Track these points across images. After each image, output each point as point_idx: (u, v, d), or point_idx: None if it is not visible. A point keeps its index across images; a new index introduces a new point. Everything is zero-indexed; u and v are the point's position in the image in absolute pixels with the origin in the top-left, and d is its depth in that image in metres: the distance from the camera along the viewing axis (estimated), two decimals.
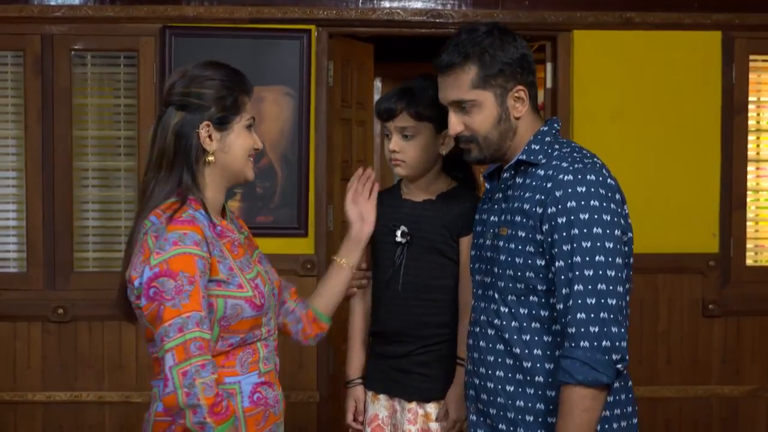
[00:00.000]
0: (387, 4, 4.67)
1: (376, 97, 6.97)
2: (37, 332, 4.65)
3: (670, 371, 4.77)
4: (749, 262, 4.86)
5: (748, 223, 4.84)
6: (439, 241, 2.89)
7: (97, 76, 4.77)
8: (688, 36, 4.72)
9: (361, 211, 2.92)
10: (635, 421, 2.57)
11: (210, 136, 2.46)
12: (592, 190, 2.40)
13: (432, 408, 2.91)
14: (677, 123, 4.72)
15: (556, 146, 2.55)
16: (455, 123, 2.59)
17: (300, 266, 4.61)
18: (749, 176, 4.84)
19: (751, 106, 4.83)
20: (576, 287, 2.36)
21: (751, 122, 4.84)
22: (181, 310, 2.28)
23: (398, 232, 2.91)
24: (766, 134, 4.94)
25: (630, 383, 2.56)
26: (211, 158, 2.47)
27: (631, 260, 2.50)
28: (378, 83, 7.23)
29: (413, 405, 2.92)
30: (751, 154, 4.85)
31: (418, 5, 4.68)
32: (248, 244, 2.63)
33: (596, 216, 2.38)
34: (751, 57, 4.79)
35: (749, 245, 4.85)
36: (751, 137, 4.84)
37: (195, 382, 2.26)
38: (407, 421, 2.92)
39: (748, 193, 4.83)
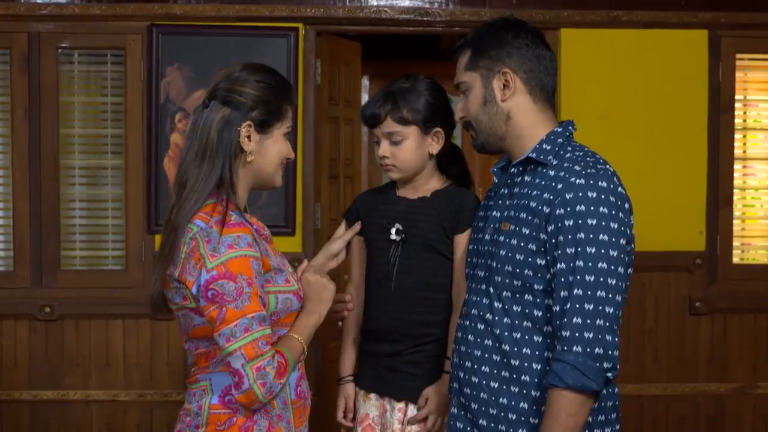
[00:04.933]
0: (374, 3, 4.67)
1: (364, 95, 6.97)
2: (23, 330, 4.63)
3: (656, 369, 4.79)
4: (736, 260, 4.87)
5: (735, 221, 4.85)
6: (434, 239, 2.88)
7: (84, 74, 4.76)
8: (674, 35, 4.74)
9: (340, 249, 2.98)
10: (618, 427, 2.57)
11: (249, 137, 2.48)
12: (603, 196, 2.40)
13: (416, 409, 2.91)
14: (664, 121, 4.73)
15: (569, 149, 2.55)
16: (459, 107, 2.67)
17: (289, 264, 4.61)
18: (736, 174, 4.84)
19: (737, 105, 4.84)
20: (575, 291, 2.36)
21: (737, 120, 4.85)
22: (245, 311, 2.34)
23: (393, 230, 2.91)
24: (753, 132, 4.95)
25: (616, 390, 2.56)
26: (249, 158, 2.49)
27: (630, 271, 2.49)
28: (365, 81, 7.22)
29: (402, 405, 2.92)
30: (737, 152, 4.86)
31: (406, 3, 4.68)
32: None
33: (604, 223, 2.38)
34: (738, 55, 4.80)
35: (736, 243, 4.86)
36: (737, 135, 4.85)
37: (267, 371, 2.35)
38: (396, 420, 2.91)
39: (735, 191, 4.84)
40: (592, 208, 2.39)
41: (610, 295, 2.36)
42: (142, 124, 4.63)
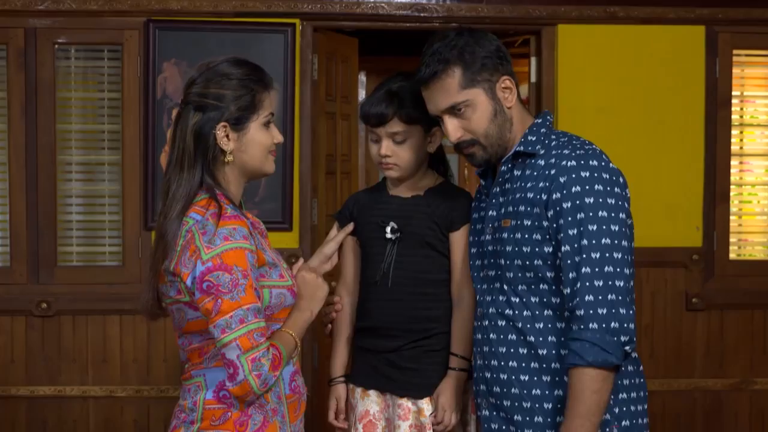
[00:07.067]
0: None
1: (361, 91, 6.97)
2: (20, 326, 4.63)
3: (653, 364, 4.78)
4: (732, 256, 4.87)
5: (732, 217, 4.86)
6: (429, 236, 2.88)
7: (81, 69, 4.76)
8: (672, 30, 4.74)
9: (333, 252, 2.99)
10: (646, 407, 2.60)
11: (227, 136, 2.46)
12: (596, 174, 2.44)
13: (425, 404, 2.90)
14: (661, 117, 4.74)
15: (553, 136, 2.59)
16: (454, 129, 2.61)
17: (284, 260, 4.59)
18: (733, 170, 4.85)
19: (734, 101, 4.84)
20: (583, 270, 2.39)
21: (734, 116, 4.85)
22: (240, 302, 2.34)
23: (388, 229, 2.91)
24: (750, 128, 4.96)
25: (641, 368, 2.61)
26: (229, 158, 2.48)
27: (633, 245, 2.51)
28: (362, 77, 7.22)
29: (404, 401, 2.91)
30: (734, 148, 4.86)
31: None
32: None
33: (601, 199, 2.41)
34: (735, 51, 4.80)
35: (732, 239, 4.87)
36: (734, 131, 4.86)
37: (262, 363, 2.34)
38: (398, 416, 2.91)
39: (732, 187, 4.85)
40: (587, 187, 2.42)
41: (618, 269, 2.41)
42: (138, 119, 4.62)
